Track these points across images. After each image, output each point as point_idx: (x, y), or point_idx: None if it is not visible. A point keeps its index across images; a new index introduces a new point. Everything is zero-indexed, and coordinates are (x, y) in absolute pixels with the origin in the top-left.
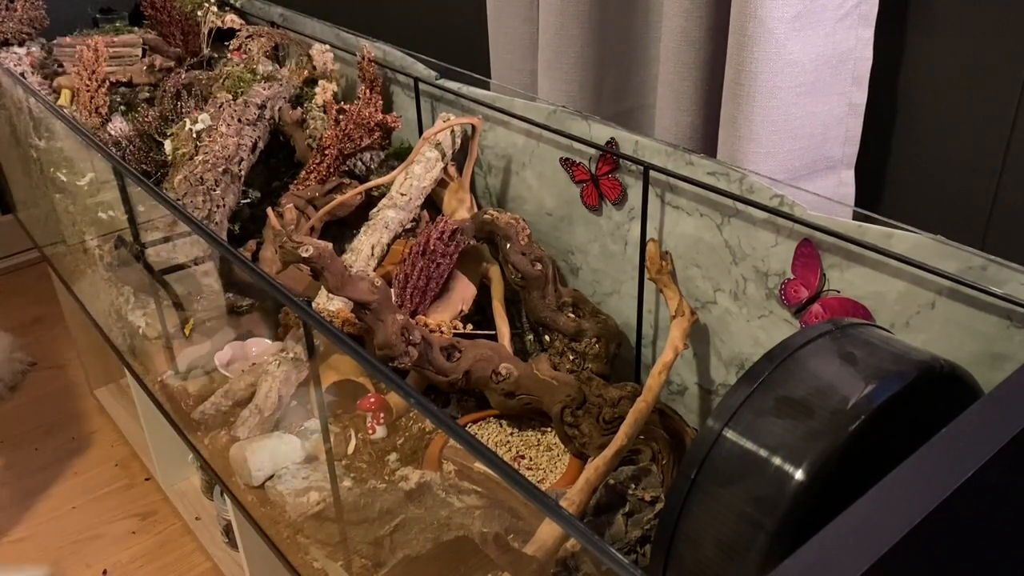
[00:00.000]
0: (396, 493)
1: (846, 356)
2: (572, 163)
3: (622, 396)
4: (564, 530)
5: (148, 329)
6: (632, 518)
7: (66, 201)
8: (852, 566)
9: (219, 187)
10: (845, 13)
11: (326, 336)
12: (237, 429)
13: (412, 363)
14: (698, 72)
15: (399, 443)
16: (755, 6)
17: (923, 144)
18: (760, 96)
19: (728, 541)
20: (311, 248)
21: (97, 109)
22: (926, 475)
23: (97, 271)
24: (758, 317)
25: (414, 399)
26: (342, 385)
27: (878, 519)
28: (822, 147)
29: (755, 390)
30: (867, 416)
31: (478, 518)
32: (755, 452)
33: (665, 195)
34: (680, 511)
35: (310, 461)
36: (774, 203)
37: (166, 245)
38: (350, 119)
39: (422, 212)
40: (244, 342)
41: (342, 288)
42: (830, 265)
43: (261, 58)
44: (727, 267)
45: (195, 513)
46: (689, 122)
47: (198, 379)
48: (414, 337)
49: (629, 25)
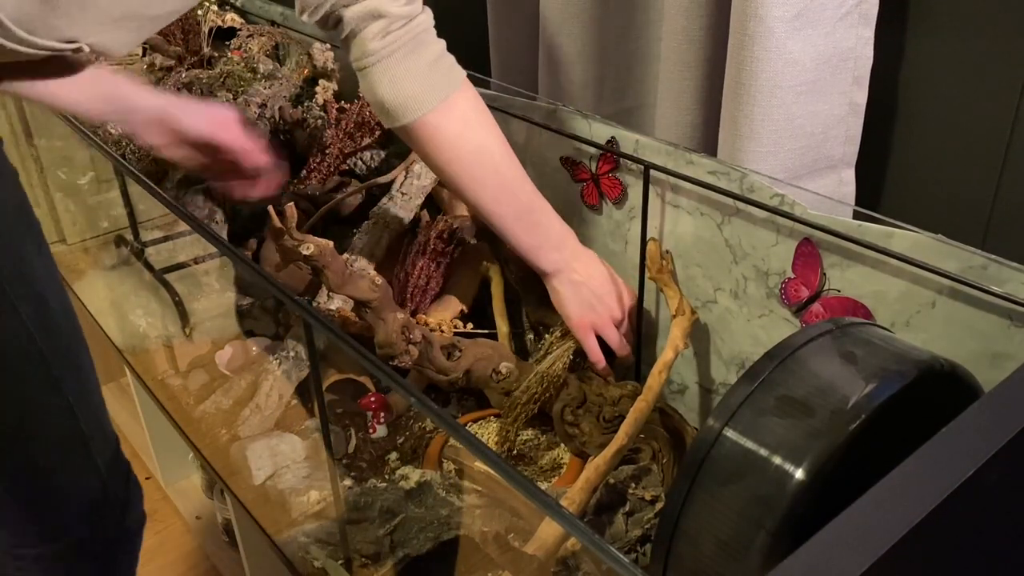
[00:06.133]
0: (396, 492)
1: (846, 355)
2: (572, 162)
3: (622, 394)
4: (564, 529)
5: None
6: (632, 517)
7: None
8: (852, 566)
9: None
10: (846, 12)
11: (326, 335)
12: (238, 428)
13: (412, 362)
14: (698, 71)
15: (399, 442)
16: (756, 5)
17: (923, 143)
18: (761, 95)
19: (728, 540)
20: (312, 246)
21: None
22: (926, 475)
23: (98, 269)
24: (758, 316)
25: (415, 398)
26: (342, 383)
27: (878, 519)
28: (823, 146)
29: (755, 389)
30: (867, 415)
31: (478, 517)
32: (755, 451)
33: (665, 194)
34: (680, 510)
35: (310, 460)
36: (774, 202)
37: (166, 244)
38: (350, 118)
39: (422, 211)
40: (245, 341)
41: (343, 286)
42: (830, 264)
43: (261, 57)
44: (727, 266)
45: (195, 512)
46: (689, 121)
47: (199, 378)
48: (414, 336)
49: (629, 24)
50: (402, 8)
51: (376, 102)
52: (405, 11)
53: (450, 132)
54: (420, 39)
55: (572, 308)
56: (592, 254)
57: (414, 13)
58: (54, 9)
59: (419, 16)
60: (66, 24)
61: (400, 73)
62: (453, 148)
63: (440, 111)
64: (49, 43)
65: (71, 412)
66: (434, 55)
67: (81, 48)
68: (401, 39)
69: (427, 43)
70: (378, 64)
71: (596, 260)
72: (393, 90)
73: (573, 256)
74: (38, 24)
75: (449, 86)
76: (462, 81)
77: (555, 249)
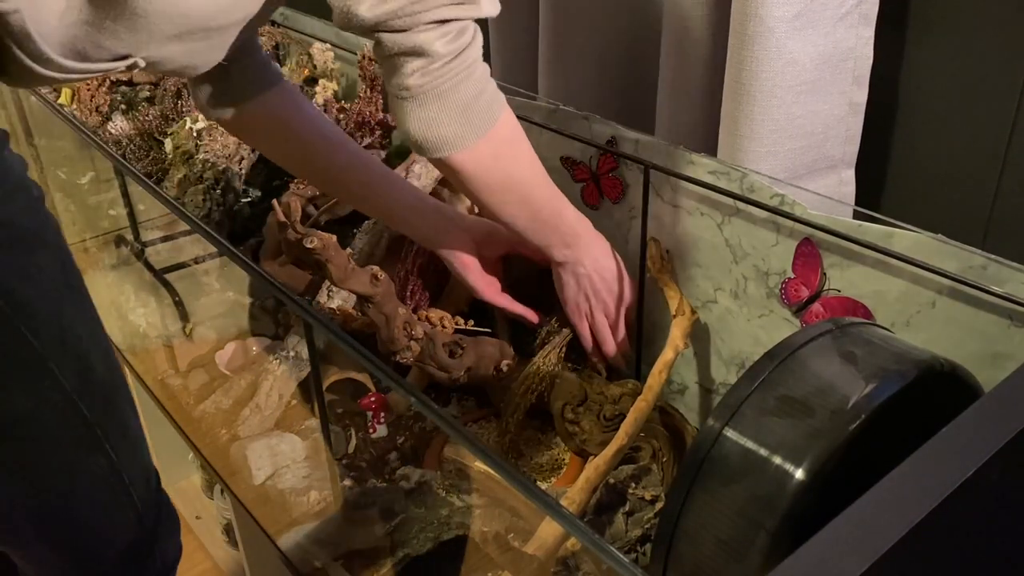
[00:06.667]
0: (396, 492)
1: (846, 355)
2: (573, 162)
3: (623, 393)
4: (564, 529)
5: (149, 328)
6: (632, 517)
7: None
8: (852, 566)
9: (219, 186)
10: (846, 12)
11: (326, 335)
12: (237, 428)
13: (414, 358)
14: (699, 71)
15: (399, 442)
16: (756, 5)
17: (924, 143)
18: (761, 95)
19: (728, 540)
20: (315, 239)
21: (98, 108)
22: (926, 475)
23: (98, 269)
24: (759, 316)
25: (415, 398)
26: (342, 383)
27: (878, 519)
28: (823, 146)
29: (755, 389)
30: (867, 415)
31: (478, 517)
32: (756, 451)
33: (666, 194)
34: (680, 510)
35: (310, 460)
36: (775, 202)
37: (166, 244)
38: (351, 118)
39: None
40: (245, 340)
41: (345, 281)
42: (831, 264)
43: None
44: (728, 266)
45: (195, 512)
46: (690, 121)
47: (199, 378)
48: (416, 332)
49: (629, 24)
50: (448, 46)
51: (403, 132)
52: (452, 48)
53: (479, 168)
54: (462, 76)
55: (568, 294)
56: (603, 246)
57: (461, 47)
58: (101, 31)
59: (466, 51)
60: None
61: (433, 114)
62: (479, 180)
63: (470, 151)
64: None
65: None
66: (474, 92)
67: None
68: (442, 78)
69: (469, 79)
70: (411, 100)
71: (606, 253)
72: (423, 129)
73: (584, 251)
74: (87, 46)
75: (484, 126)
76: (500, 116)
77: (567, 246)
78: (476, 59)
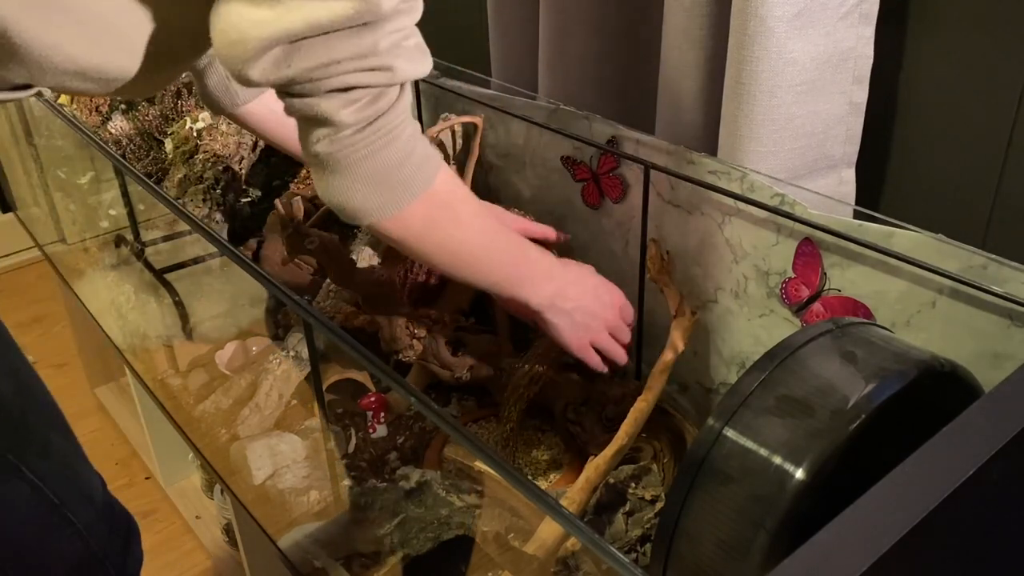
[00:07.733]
0: (396, 492)
1: (847, 355)
2: (573, 162)
3: (624, 393)
4: (564, 529)
5: (149, 328)
6: (632, 517)
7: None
8: (852, 566)
9: (219, 185)
10: (846, 12)
11: (326, 335)
12: (237, 428)
13: (417, 356)
14: (699, 71)
15: (399, 442)
16: (756, 5)
17: (924, 143)
18: (761, 95)
19: (728, 540)
20: (317, 239)
21: (97, 108)
22: (926, 474)
23: (98, 269)
24: (759, 316)
25: (416, 398)
26: (342, 383)
27: (878, 519)
28: (823, 146)
29: (756, 389)
30: (868, 415)
31: (478, 517)
32: (756, 451)
33: (666, 194)
34: (680, 510)
35: (310, 460)
36: (775, 202)
37: (166, 244)
38: None
39: None
40: (245, 340)
41: (347, 280)
42: (831, 264)
43: None
44: (728, 266)
45: (195, 512)
46: (690, 121)
47: (199, 378)
48: (418, 331)
49: (630, 23)
50: (357, 115)
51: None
52: (361, 117)
53: (409, 234)
54: (378, 144)
55: (568, 335)
56: (577, 270)
57: (375, 115)
58: None
59: (382, 118)
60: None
61: (347, 183)
62: (413, 246)
63: (396, 218)
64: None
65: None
66: (396, 159)
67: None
68: (351, 148)
69: (389, 146)
70: (321, 168)
71: (583, 275)
72: (337, 197)
73: (561, 283)
74: None
75: (411, 191)
76: (434, 178)
77: (542, 287)
78: (398, 124)
